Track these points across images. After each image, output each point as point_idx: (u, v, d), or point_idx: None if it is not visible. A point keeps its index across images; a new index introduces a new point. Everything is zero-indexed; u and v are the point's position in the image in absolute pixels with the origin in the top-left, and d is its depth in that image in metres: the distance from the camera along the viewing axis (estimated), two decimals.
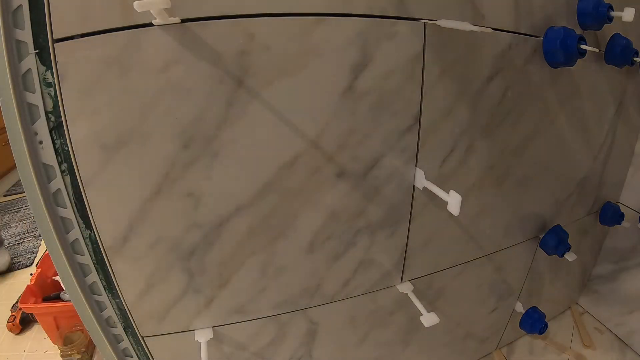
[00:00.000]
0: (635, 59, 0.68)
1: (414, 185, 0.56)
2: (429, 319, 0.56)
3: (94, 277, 0.48)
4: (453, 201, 0.45)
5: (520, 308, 0.89)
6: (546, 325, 0.85)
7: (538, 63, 0.59)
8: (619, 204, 0.94)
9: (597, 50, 0.56)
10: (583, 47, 0.56)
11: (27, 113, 0.40)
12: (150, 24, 0.37)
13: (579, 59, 0.57)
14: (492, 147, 0.61)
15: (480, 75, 0.54)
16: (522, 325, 0.86)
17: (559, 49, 0.56)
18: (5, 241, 1.79)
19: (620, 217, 0.89)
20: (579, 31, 0.62)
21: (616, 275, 1.00)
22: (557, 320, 1.05)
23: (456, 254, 0.69)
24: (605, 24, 0.62)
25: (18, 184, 2.38)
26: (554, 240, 0.77)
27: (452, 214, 0.47)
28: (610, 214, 0.89)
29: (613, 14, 0.60)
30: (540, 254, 0.83)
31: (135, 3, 0.32)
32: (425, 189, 0.55)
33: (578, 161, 0.77)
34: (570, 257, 0.75)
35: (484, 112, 0.57)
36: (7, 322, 1.26)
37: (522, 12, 0.55)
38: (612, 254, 1.01)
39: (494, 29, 0.52)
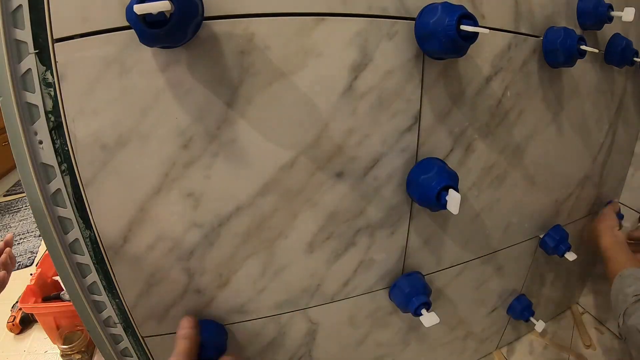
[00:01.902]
0: (636, 59, 0.68)
1: None
2: (429, 318, 0.56)
3: (93, 277, 0.48)
4: (452, 200, 0.45)
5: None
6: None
7: (538, 63, 0.59)
8: (620, 203, 0.94)
9: (596, 50, 0.56)
10: (583, 47, 0.56)
11: (27, 113, 0.40)
12: None
13: (578, 59, 0.57)
14: (492, 146, 0.61)
15: (480, 75, 0.54)
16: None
17: (559, 49, 0.56)
18: None
19: (620, 217, 0.90)
20: (578, 31, 0.62)
21: None
22: (557, 320, 1.05)
23: (456, 253, 0.69)
24: (606, 24, 0.62)
25: (18, 184, 2.39)
26: (554, 240, 0.77)
27: (452, 214, 0.47)
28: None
29: (613, 13, 0.60)
30: (540, 254, 0.83)
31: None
32: None
33: (578, 161, 0.77)
34: (570, 256, 0.75)
35: (484, 111, 0.57)
36: (7, 322, 1.26)
37: (522, 11, 0.55)
38: None
39: (493, 28, 0.52)
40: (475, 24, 0.42)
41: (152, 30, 0.34)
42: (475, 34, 0.43)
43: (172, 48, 0.39)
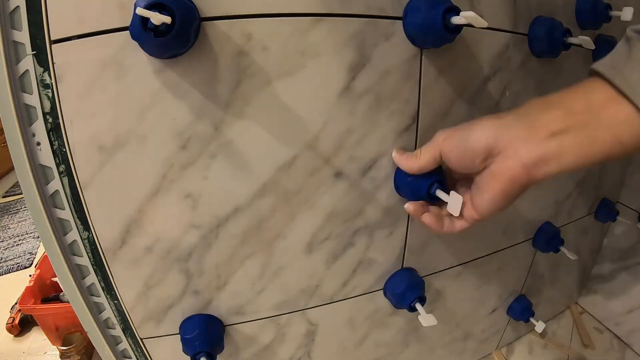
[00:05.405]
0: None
1: None
2: (426, 319, 0.56)
3: (92, 278, 0.48)
4: (453, 202, 0.45)
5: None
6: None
7: (536, 63, 0.59)
8: (619, 204, 0.94)
9: (580, 44, 0.55)
10: (570, 40, 0.56)
11: (24, 114, 0.40)
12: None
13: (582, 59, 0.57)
14: None
15: (478, 74, 0.54)
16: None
17: (544, 39, 0.56)
18: (4, 242, 1.79)
19: (616, 214, 0.90)
20: (577, 30, 0.62)
21: (615, 274, 1.00)
22: (557, 320, 1.05)
23: (455, 254, 0.69)
24: (604, 24, 0.62)
25: (16, 185, 2.39)
26: (544, 237, 0.77)
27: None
28: (606, 211, 0.89)
29: (612, 13, 0.61)
30: (540, 254, 0.83)
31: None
32: None
33: None
34: (571, 256, 0.75)
35: (482, 111, 0.57)
36: (6, 324, 1.26)
37: (520, 11, 0.55)
38: (611, 254, 1.01)
39: (492, 28, 0.53)
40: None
41: (158, 39, 0.35)
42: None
43: (179, 56, 0.39)
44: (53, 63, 0.38)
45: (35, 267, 1.50)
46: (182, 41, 0.37)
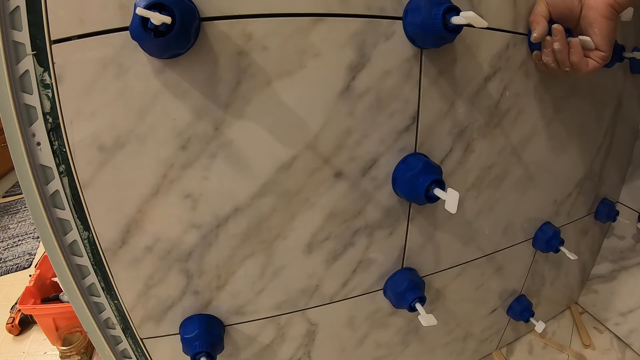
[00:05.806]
0: (625, 54, 0.67)
1: None
2: (426, 319, 0.56)
3: (92, 278, 0.48)
4: (450, 199, 0.45)
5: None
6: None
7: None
8: (619, 204, 0.94)
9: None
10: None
11: (24, 114, 0.40)
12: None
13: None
14: (491, 147, 0.61)
15: (478, 75, 0.54)
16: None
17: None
18: (4, 243, 1.79)
19: (616, 214, 0.90)
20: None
21: (615, 274, 1.00)
22: (557, 320, 1.05)
23: (455, 254, 0.69)
24: None
25: (17, 185, 2.38)
26: (544, 237, 0.77)
27: (451, 214, 0.47)
28: (607, 211, 0.89)
29: None
30: (540, 254, 0.83)
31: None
32: None
33: (577, 161, 0.77)
34: (571, 256, 0.75)
35: (482, 112, 0.57)
36: (6, 324, 1.26)
37: (520, 11, 0.55)
38: (611, 254, 1.01)
39: (492, 28, 0.53)
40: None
41: (158, 39, 0.35)
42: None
43: (179, 56, 0.39)
44: (53, 63, 0.38)
45: (35, 267, 1.50)
46: (182, 41, 0.37)
